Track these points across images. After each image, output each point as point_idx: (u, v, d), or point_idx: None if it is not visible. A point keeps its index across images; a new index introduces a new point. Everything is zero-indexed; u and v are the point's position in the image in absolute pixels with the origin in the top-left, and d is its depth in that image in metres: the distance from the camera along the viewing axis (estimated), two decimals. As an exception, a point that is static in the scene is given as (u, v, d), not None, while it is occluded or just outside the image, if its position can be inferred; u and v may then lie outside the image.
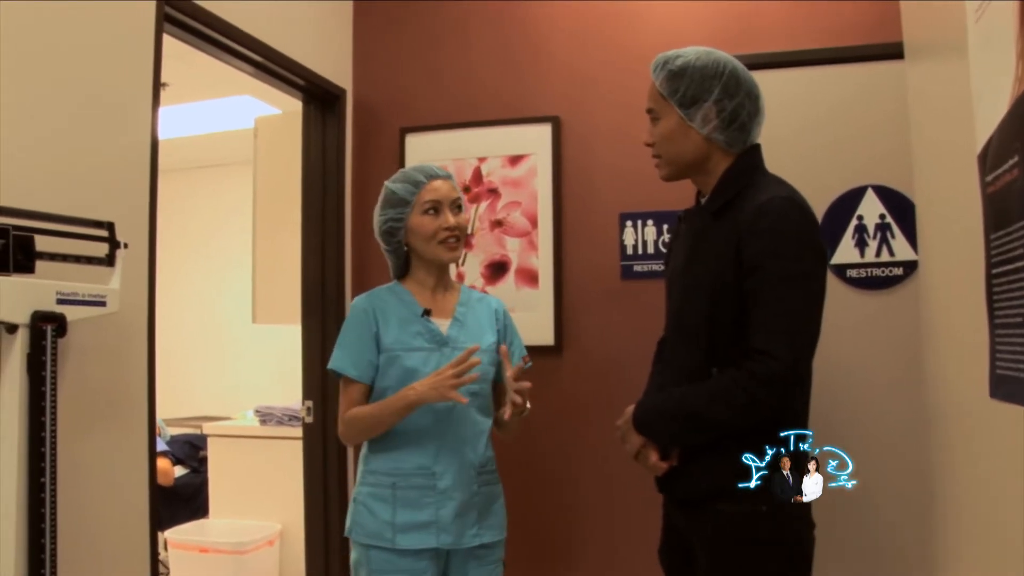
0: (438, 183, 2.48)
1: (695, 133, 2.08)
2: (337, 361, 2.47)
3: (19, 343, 1.88)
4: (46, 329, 1.91)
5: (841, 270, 3.12)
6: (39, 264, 1.95)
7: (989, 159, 1.33)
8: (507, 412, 2.29)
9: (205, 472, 5.13)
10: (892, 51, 3.01)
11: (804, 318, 1.91)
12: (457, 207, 2.49)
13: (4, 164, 1.99)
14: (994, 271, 1.34)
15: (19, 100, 2.07)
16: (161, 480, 4.99)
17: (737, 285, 1.95)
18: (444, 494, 2.36)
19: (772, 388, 1.86)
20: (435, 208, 2.45)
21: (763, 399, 1.87)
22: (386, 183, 2.52)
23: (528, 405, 2.36)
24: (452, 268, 3.36)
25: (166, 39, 2.64)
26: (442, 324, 2.49)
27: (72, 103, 2.27)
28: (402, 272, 2.59)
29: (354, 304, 2.55)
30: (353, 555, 2.44)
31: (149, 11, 2.55)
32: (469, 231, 3.29)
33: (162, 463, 5.11)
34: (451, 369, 2.27)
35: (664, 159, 2.16)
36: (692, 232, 2.18)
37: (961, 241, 1.82)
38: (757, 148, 2.14)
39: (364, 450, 2.51)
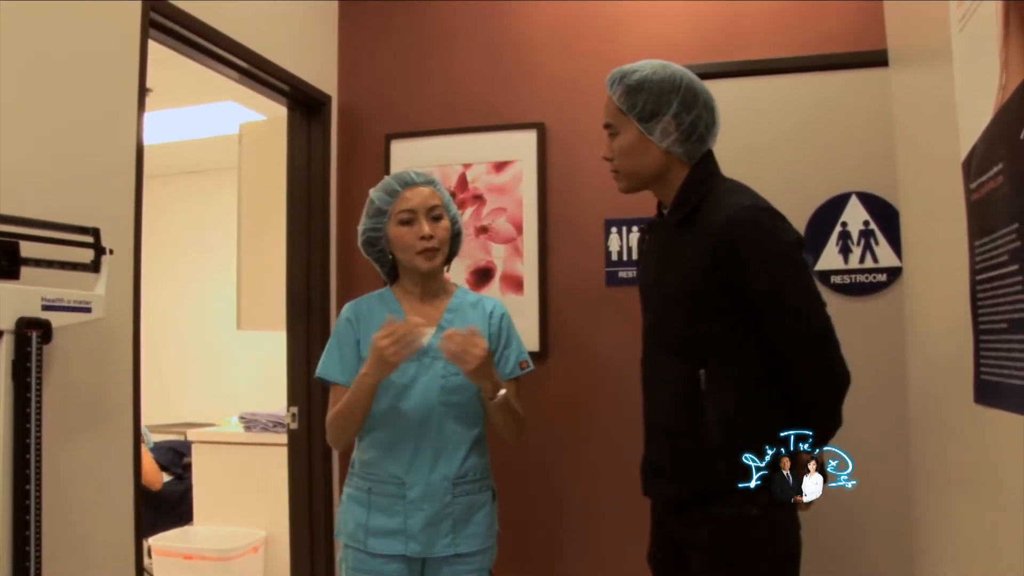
0: (413, 191, 2.45)
1: (654, 147, 2.11)
2: (322, 367, 2.49)
3: (4, 349, 1.87)
4: (31, 335, 1.90)
5: (825, 276, 3.13)
6: (24, 270, 1.94)
7: (973, 166, 1.34)
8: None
9: (189, 479, 5.11)
10: (876, 59, 3.03)
11: (810, 298, 1.99)
12: (434, 216, 2.45)
13: (-11, 170, 1.99)
14: (978, 277, 1.35)
15: (3, 105, 2.06)
16: (151, 480, 4.96)
17: (714, 293, 2.00)
18: (413, 504, 2.36)
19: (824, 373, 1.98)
20: (410, 218, 2.43)
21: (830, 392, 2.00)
22: (371, 190, 2.53)
23: (503, 391, 2.33)
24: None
25: (150, 44, 2.63)
26: (425, 333, 2.46)
27: (57, 108, 2.26)
28: (393, 278, 2.59)
29: (341, 311, 2.56)
30: (339, 552, 2.48)
31: (134, 16, 2.54)
32: (461, 240, 3.27)
33: (151, 464, 5.07)
34: (385, 339, 2.21)
35: (623, 173, 2.19)
36: (659, 244, 2.22)
37: (945, 247, 1.83)
38: (710, 154, 2.18)
39: (353, 453, 2.52)
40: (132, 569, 2.48)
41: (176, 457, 5.49)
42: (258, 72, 3.27)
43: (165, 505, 5.15)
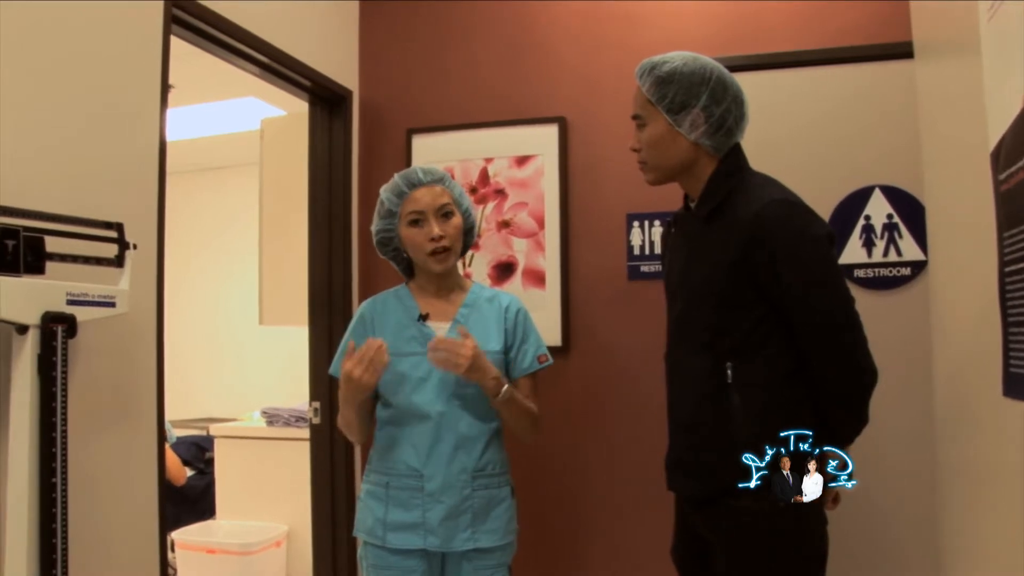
0: (420, 192, 2.44)
1: (683, 139, 2.10)
2: (334, 366, 2.51)
3: (29, 344, 1.88)
4: (56, 330, 1.91)
5: (849, 270, 3.11)
6: (49, 265, 1.96)
7: (1002, 157, 1.33)
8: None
9: (212, 473, 5.13)
10: (899, 51, 3.01)
11: (839, 294, 2.00)
12: (444, 214, 2.44)
13: (13, 166, 2.00)
14: (1007, 269, 1.34)
15: (28, 102, 2.08)
16: (174, 476, 4.99)
17: (742, 287, 2.00)
18: (432, 497, 2.36)
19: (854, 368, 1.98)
20: (419, 219, 2.42)
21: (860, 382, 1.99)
22: (381, 189, 2.53)
23: (505, 387, 2.35)
24: (460, 267, 3.36)
25: (172, 40, 2.64)
26: (441, 328, 2.47)
27: (81, 105, 2.27)
28: (411, 274, 2.60)
29: (357, 310, 2.58)
30: (359, 549, 2.49)
31: (157, 13, 2.55)
32: (476, 233, 3.26)
33: (174, 460, 5.10)
34: (352, 365, 2.26)
35: (650, 164, 2.19)
36: (686, 238, 2.22)
37: (972, 240, 1.82)
38: (739, 148, 2.17)
39: (371, 448, 2.52)
40: (156, 563, 2.49)
41: (199, 452, 5.52)
42: (279, 67, 3.27)
43: (188, 499, 5.18)
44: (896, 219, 3.10)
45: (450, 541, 2.36)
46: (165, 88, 2.58)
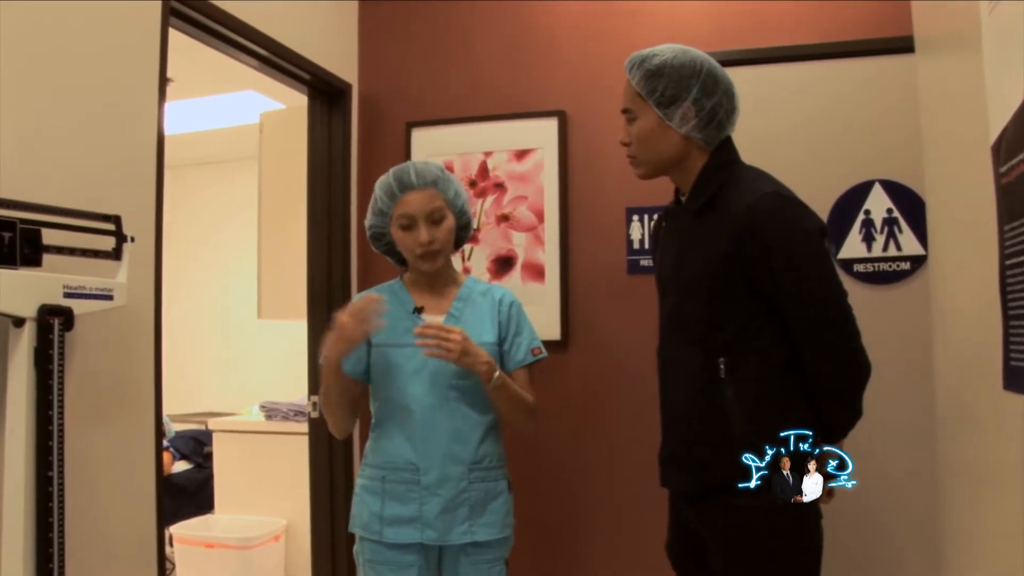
0: (411, 196, 2.41)
1: (673, 132, 2.09)
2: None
3: (26, 337, 1.87)
4: (53, 323, 1.91)
5: (848, 264, 3.10)
6: (46, 258, 1.95)
7: (1003, 150, 1.32)
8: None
9: (210, 468, 5.13)
10: (900, 45, 3.00)
11: (832, 288, 1.97)
12: (434, 220, 2.42)
13: (11, 158, 1.99)
14: (1008, 262, 1.33)
15: (26, 95, 2.07)
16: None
17: (734, 281, 1.99)
18: (428, 490, 2.35)
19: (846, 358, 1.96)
20: (408, 224, 2.41)
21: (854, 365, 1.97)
22: (376, 183, 2.51)
23: (497, 372, 2.33)
24: (458, 262, 3.35)
25: (171, 33, 2.63)
26: (435, 321, 2.46)
27: (79, 98, 2.26)
28: (405, 266, 2.59)
29: (352, 301, 2.56)
30: (355, 545, 2.48)
31: (155, 6, 2.54)
32: (475, 226, 3.25)
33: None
34: (344, 313, 2.26)
35: (641, 159, 2.17)
36: (677, 232, 2.21)
37: (973, 233, 1.81)
38: (730, 141, 2.16)
39: (367, 443, 2.52)
40: (154, 557, 2.49)
41: (197, 446, 5.52)
42: (279, 60, 3.26)
43: (186, 494, 5.18)
44: (896, 213, 3.09)
45: (447, 534, 2.35)
46: (163, 82, 2.57)
